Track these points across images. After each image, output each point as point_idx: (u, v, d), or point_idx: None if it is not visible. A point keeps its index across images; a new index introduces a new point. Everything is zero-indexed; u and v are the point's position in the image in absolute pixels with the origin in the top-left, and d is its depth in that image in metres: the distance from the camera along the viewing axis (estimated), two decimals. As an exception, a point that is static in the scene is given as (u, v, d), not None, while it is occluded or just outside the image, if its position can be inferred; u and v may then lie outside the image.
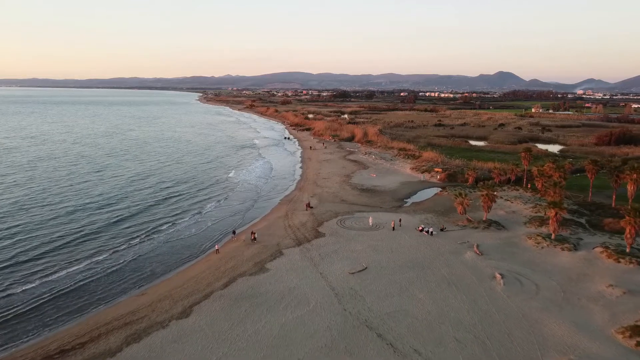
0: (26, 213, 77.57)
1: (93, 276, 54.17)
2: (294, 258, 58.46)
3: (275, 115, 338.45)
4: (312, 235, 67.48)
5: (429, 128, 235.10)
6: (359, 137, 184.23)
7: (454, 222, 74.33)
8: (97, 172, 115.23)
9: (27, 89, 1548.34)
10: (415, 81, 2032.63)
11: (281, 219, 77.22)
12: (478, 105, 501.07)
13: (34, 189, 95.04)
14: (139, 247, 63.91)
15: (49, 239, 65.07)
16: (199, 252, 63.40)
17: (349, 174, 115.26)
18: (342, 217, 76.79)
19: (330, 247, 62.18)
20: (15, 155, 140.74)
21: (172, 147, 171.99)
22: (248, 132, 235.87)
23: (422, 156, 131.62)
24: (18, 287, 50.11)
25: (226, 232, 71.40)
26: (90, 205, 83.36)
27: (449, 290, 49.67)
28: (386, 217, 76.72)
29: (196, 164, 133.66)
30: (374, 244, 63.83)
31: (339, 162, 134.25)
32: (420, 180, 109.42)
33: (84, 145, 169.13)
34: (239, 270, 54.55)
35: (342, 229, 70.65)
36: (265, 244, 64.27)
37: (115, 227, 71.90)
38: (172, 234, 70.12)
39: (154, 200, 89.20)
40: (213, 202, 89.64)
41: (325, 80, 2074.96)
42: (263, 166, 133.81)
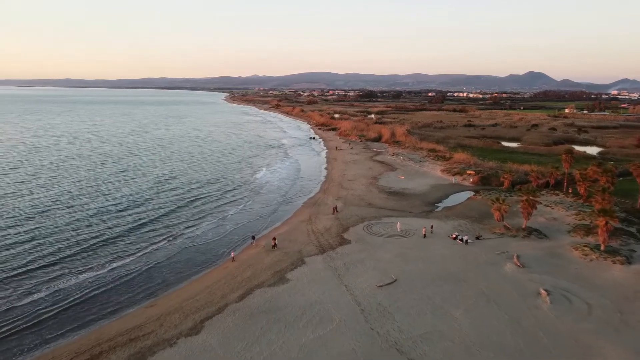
0: (46, 216, 74.77)
1: (103, 285, 50.67)
2: (316, 267, 53.98)
3: (301, 115, 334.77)
4: (336, 242, 62.89)
5: (459, 128, 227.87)
6: (386, 138, 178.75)
7: (491, 230, 68.72)
8: (121, 173, 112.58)
9: (60, 89, 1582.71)
10: (442, 81, 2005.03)
11: (304, 223, 72.85)
12: (508, 105, 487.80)
13: (57, 190, 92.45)
14: (155, 254, 60.21)
15: (66, 245, 61.83)
16: (216, 259, 59.44)
17: (376, 176, 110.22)
18: (368, 223, 71.97)
19: (356, 256, 57.49)
20: (41, 155, 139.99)
21: (197, 146, 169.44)
22: (272, 131, 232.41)
23: (453, 158, 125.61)
24: (24, 298, 46.83)
25: (245, 238, 67.24)
26: (112, 208, 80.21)
27: (489, 308, 44.46)
28: (416, 223, 71.60)
29: (220, 164, 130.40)
30: (403, 252, 58.88)
31: (366, 163, 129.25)
32: (451, 183, 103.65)
33: (110, 145, 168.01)
34: (257, 281, 50.34)
35: (369, 236, 65.86)
36: (286, 250, 59.97)
37: (134, 232, 68.37)
38: (191, 240, 66.33)
39: (177, 203, 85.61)
40: (235, 205, 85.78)
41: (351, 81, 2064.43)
42: (287, 167, 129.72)
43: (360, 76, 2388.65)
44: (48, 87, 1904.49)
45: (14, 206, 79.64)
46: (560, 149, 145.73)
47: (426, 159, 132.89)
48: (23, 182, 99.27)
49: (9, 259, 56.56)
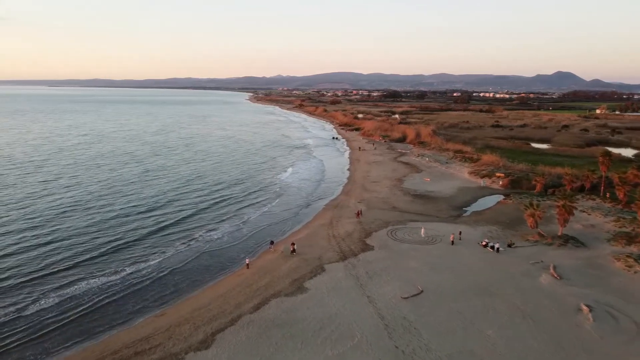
0: (66, 218, 72.89)
1: (114, 292, 48.12)
2: (337, 276, 50.71)
3: (324, 115, 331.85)
4: (358, 248, 59.51)
5: (486, 129, 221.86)
6: (411, 138, 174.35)
7: (523, 237, 64.40)
8: (144, 173, 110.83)
9: (89, 89, 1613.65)
10: (468, 81, 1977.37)
11: (325, 227, 69.65)
12: (536, 106, 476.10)
13: (79, 191, 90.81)
14: (170, 259, 57.52)
15: (82, 249, 59.56)
16: (232, 264, 56.55)
17: (401, 178, 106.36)
18: (393, 227, 68.35)
19: (380, 264, 54.02)
20: (65, 154, 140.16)
21: (221, 146, 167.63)
22: (295, 131, 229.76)
23: (481, 159, 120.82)
24: (32, 306, 44.46)
25: (264, 243, 64.31)
26: (133, 210, 78.05)
27: (525, 325, 40.57)
28: (443, 229, 67.77)
29: (244, 165, 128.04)
30: (430, 261, 55.20)
31: (390, 164, 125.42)
32: (480, 186, 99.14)
33: (134, 144, 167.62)
34: (274, 289, 47.33)
35: (393, 242, 62.29)
36: (306, 256, 56.86)
37: (153, 236, 65.86)
38: (209, 244, 63.55)
39: (199, 205, 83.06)
40: (257, 208, 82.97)
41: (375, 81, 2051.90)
42: (309, 168, 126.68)
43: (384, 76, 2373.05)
44: (77, 87, 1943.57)
45: (35, 207, 78.11)
46: (594, 150, 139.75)
47: (453, 160, 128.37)
48: (45, 182, 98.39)
49: (24, 263, 54.56)
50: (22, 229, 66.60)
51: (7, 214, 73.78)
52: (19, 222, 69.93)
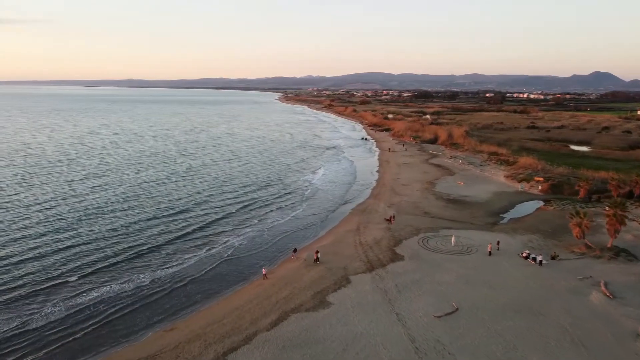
0: (88, 221, 70.17)
1: (125, 304, 44.95)
2: (363, 289, 46.65)
3: (353, 115, 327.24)
4: (387, 258, 55.26)
5: (521, 130, 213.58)
6: (443, 139, 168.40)
7: (568, 248, 58.99)
8: (173, 175, 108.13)
9: (123, 89, 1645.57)
10: (500, 82, 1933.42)
11: (351, 233, 65.59)
12: (573, 106, 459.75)
13: (104, 193, 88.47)
14: (189, 267, 54.09)
15: (100, 256, 56.63)
16: (251, 274, 52.95)
17: (432, 181, 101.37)
18: (424, 235, 63.78)
19: (410, 276, 49.71)
20: (94, 154, 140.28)
21: (250, 147, 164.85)
22: (323, 131, 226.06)
23: (517, 162, 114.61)
24: (37, 320, 41.37)
25: (286, 250, 60.63)
26: (158, 214, 75.11)
27: (575, 352, 35.76)
28: (479, 237, 62.90)
29: (271, 166, 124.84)
30: (466, 273, 50.57)
31: (421, 167, 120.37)
32: (517, 190, 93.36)
33: (164, 144, 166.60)
34: (294, 303, 43.57)
35: (425, 251, 57.81)
36: (330, 266, 52.96)
37: (175, 242, 62.65)
38: (231, 251, 60.04)
39: (226, 209, 79.59)
40: (283, 212, 79.37)
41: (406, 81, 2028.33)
42: (337, 170, 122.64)
43: (415, 76, 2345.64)
44: (112, 87, 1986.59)
45: (59, 209, 76.09)
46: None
47: (487, 163, 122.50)
48: (71, 182, 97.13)
49: (39, 269, 51.97)
50: (43, 233, 64.31)
51: (29, 216, 72.00)
52: (41, 225, 67.65)
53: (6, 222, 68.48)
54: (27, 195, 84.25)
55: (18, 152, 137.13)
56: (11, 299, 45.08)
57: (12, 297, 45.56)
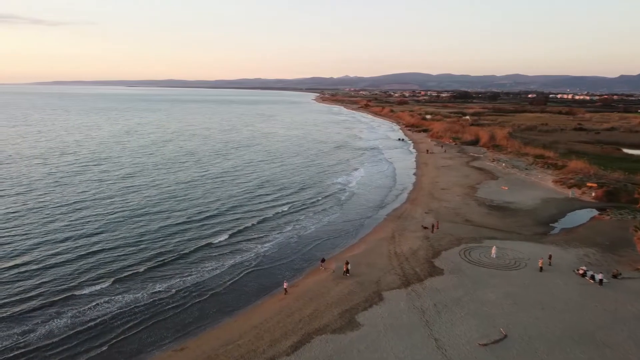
0: (116, 225, 66.80)
1: (135, 319, 41.03)
2: (397, 307, 41.65)
3: (390, 116, 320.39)
4: (425, 271, 50.03)
5: (568, 132, 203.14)
6: (484, 141, 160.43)
7: (632, 266, 52.29)
8: (205, 177, 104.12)
9: (163, 89, 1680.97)
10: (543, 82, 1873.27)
11: (385, 242, 60.51)
12: (622, 108, 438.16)
13: (135, 195, 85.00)
14: (210, 279, 49.79)
15: (123, 264, 52.77)
16: (275, 286, 48.54)
17: (474, 185, 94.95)
18: (466, 246, 58.10)
19: (451, 294, 44.39)
20: (127, 153, 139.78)
21: (285, 147, 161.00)
22: (358, 132, 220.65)
23: (567, 166, 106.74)
24: (37, 337, 37.56)
25: (314, 260, 56.00)
26: (188, 219, 70.95)
27: (653, 396, 29.86)
28: (527, 249, 56.80)
29: (307, 168, 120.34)
30: (514, 292, 44.87)
31: (461, 170, 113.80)
32: (568, 197, 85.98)
33: (198, 144, 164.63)
34: (319, 323, 38.95)
35: (467, 264, 52.26)
36: (361, 279, 48.18)
37: (202, 250, 58.38)
38: (257, 260, 55.78)
39: (258, 214, 75.15)
40: (314, 218, 74.40)
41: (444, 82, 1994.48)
42: (372, 172, 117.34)
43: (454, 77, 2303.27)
44: (153, 87, 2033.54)
45: (86, 212, 72.81)
46: None
47: (533, 166, 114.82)
48: (101, 182, 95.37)
49: (55, 278, 48.52)
50: (66, 237, 60.89)
51: (56, 218, 69.22)
52: (66, 228, 64.48)
53: (32, 224, 65.92)
54: (56, 196, 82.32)
55: (55, 150, 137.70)
56: (19, 311, 41.72)
57: (22, 308, 42.16)
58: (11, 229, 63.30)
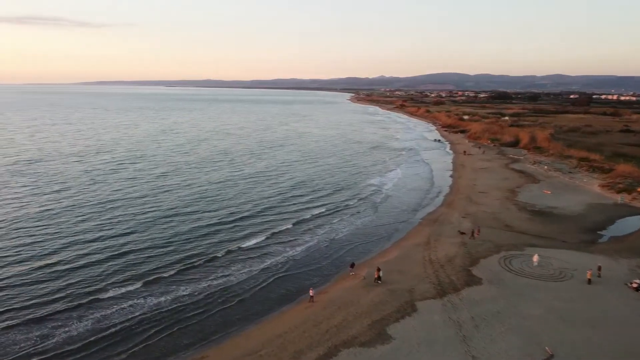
0: (145, 227, 64.92)
1: (156, 325, 39.28)
2: (432, 319, 38.90)
3: (426, 116, 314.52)
4: (461, 281, 47.00)
5: (614, 134, 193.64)
6: (524, 142, 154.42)
7: (692, 279, 47.84)
8: (239, 177, 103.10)
9: (200, 88, 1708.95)
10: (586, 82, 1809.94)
11: (420, 248, 57.60)
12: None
13: (167, 195, 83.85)
14: (236, 284, 47.95)
15: (150, 267, 51.12)
16: (300, 292, 46.53)
17: (514, 189, 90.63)
18: (506, 254, 54.62)
19: (490, 306, 41.29)
20: (161, 152, 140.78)
21: (320, 148, 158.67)
22: (395, 132, 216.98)
23: (614, 169, 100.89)
24: (56, 344, 36.22)
25: (344, 265, 53.51)
26: (219, 221, 69.07)
27: None
28: (574, 259, 52.93)
29: (342, 169, 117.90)
30: (560, 306, 41.38)
31: (500, 172, 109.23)
32: (616, 202, 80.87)
33: (231, 143, 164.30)
34: (346, 334, 36.61)
35: (507, 274, 48.92)
36: (393, 287, 45.57)
37: (229, 255, 56.03)
38: (286, 265, 53.71)
39: (290, 217, 73.24)
40: (348, 221, 71.95)
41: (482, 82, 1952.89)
42: (409, 173, 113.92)
43: (492, 77, 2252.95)
44: (191, 87, 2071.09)
45: (117, 212, 71.84)
46: None
47: (577, 169, 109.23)
48: (133, 179, 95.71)
49: (80, 280, 47.11)
50: (95, 238, 59.80)
51: (87, 218, 68.43)
52: (96, 229, 63.44)
53: (64, 223, 65.50)
54: (90, 195, 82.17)
55: (92, 148, 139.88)
56: (41, 314, 40.55)
57: (44, 311, 40.99)
58: (44, 228, 63.13)
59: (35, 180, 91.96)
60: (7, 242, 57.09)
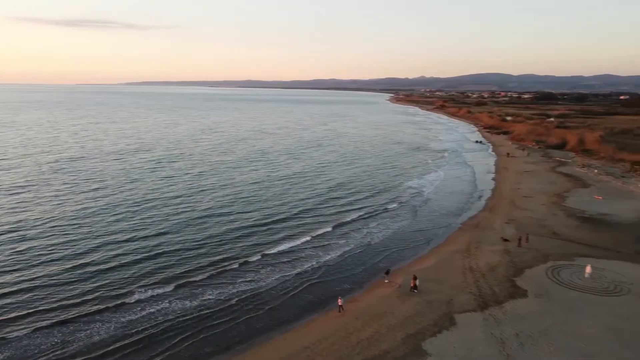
0: (178, 228, 63.84)
1: (182, 333, 37.84)
2: (472, 335, 35.98)
3: (467, 117, 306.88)
4: (505, 292, 43.73)
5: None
6: (572, 145, 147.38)
7: None
8: (276, 178, 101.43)
9: (242, 89, 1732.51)
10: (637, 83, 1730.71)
11: (459, 255, 54.42)
12: None
13: (202, 197, 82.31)
14: (265, 292, 45.90)
15: (178, 272, 49.41)
16: (330, 299, 44.16)
17: (562, 193, 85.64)
18: (554, 264, 50.83)
19: (537, 322, 37.96)
20: (198, 150, 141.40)
21: (360, 149, 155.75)
22: (437, 134, 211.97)
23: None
24: (75, 350, 35.80)
25: (379, 272, 50.92)
26: (255, 223, 67.88)
27: None
28: (630, 271, 48.69)
29: (379, 170, 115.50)
30: (616, 325, 37.63)
31: (546, 176, 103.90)
32: (675, 210, 75.10)
33: (269, 143, 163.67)
34: (378, 348, 34.13)
35: (555, 286, 45.28)
36: (429, 297, 42.78)
37: (262, 259, 54.53)
38: (318, 271, 51.59)
39: (327, 220, 71.11)
40: (384, 225, 69.26)
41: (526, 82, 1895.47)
42: (450, 176, 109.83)
43: (537, 77, 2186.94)
44: (232, 87, 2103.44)
45: (150, 213, 70.86)
46: None
47: (631, 174, 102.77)
48: (171, 179, 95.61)
49: (109, 283, 46.13)
50: (127, 239, 58.95)
51: (121, 218, 67.81)
52: (128, 229, 62.72)
53: (99, 223, 65.04)
54: (126, 194, 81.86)
55: (132, 146, 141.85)
56: (64, 317, 39.68)
57: (67, 315, 40.12)
58: (78, 227, 62.85)
59: (74, 178, 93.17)
60: (42, 241, 57.16)
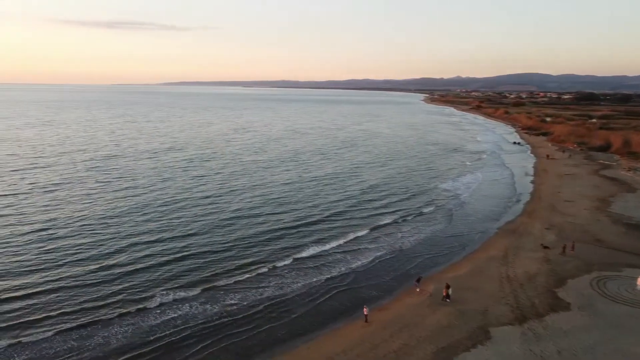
0: (207, 230, 62.95)
1: (202, 341, 36.22)
2: (509, 351, 33.36)
3: (505, 117, 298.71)
4: (545, 304, 40.79)
5: None
6: (616, 147, 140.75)
7: None
8: (308, 179, 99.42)
9: (276, 89, 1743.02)
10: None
11: (496, 262, 51.52)
12: None
13: (233, 197, 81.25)
14: (290, 300, 44.10)
15: (203, 276, 48.07)
16: (356, 308, 41.93)
17: (606, 198, 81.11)
18: (599, 274, 47.45)
19: (581, 338, 35.03)
20: (231, 152, 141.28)
21: (396, 150, 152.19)
22: (470, 134, 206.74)
23: None
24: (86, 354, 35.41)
25: (409, 279, 48.54)
26: (285, 225, 66.34)
27: None
28: (684, 285, 44.87)
29: (415, 172, 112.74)
30: (670, 345, 34.38)
31: (589, 179, 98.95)
32: None
33: (300, 143, 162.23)
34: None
35: (601, 299, 42.03)
36: (463, 307, 40.26)
37: (291, 264, 52.79)
38: (348, 278, 49.57)
39: (360, 223, 69.14)
40: (418, 230, 66.77)
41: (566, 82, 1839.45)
42: (487, 179, 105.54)
43: (578, 77, 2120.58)
44: (267, 87, 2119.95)
45: (180, 214, 70.11)
46: None
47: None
48: (201, 179, 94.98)
49: (131, 286, 45.22)
50: (154, 240, 58.23)
51: (149, 218, 67.24)
52: (157, 231, 61.55)
53: (125, 223, 64.48)
54: (156, 194, 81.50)
55: (165, 145, 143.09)
56: (82, 322, 38.64)
57: (86, 319, 39.10)
58: (107, 227, 62.53)
59: (107, 177, 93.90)
60: (70, 241, 57.01)
